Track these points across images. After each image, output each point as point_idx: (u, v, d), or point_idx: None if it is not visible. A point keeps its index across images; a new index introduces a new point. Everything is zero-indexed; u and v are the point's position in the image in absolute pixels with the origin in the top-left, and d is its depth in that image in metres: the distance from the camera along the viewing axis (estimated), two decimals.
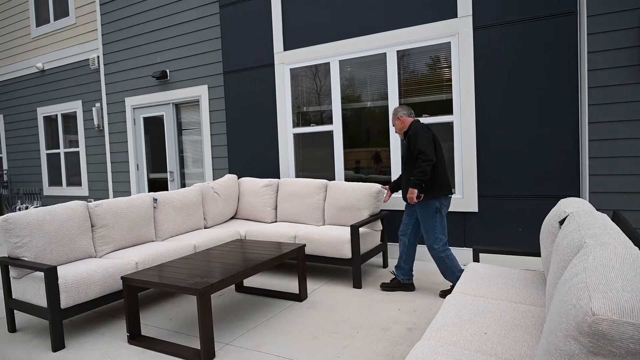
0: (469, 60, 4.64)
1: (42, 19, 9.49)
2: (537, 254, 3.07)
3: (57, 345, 3.14)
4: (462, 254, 4.84)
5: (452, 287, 3.90)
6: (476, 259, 3.29)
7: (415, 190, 3.70)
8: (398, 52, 5.07)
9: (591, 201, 4.09)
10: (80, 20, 8.74)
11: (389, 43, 5.08)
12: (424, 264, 4.95)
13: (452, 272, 3.85)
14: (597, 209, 3.89)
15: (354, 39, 5.30)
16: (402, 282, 4.06)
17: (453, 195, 4.82)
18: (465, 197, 4.75)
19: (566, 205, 2.48)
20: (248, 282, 4.61)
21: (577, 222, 2.08)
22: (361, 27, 5.27)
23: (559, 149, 4.32)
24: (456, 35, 4.71)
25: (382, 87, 5.21)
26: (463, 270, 3.78)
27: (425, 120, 4.94)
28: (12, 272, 3.44)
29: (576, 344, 1.17)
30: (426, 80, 4.96)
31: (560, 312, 1.30)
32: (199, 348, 3.02)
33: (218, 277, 3.03)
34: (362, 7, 5.25)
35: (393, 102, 5.12)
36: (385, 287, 4.10)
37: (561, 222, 2.37)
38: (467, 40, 4.64)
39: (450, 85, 4.81)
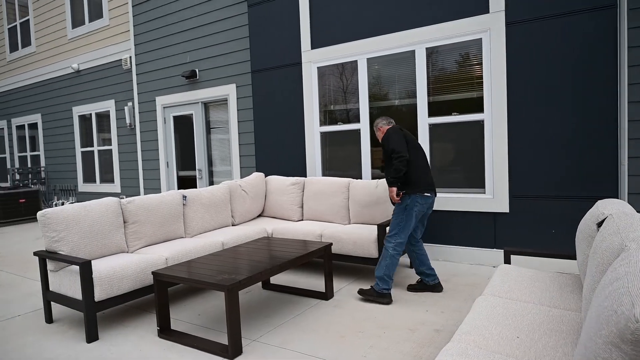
0: (501, 56, 4.53)
1: (77, 21, 9.81)
2: (572, 256, 2.97)
3: (91, 336, 3.24)
4: (491, 255, 4.73)
5: (373, 287, 3.80)
6: (507, 260, 3.21)
7: (394, 189, 3.72)
8: (427, 49, 5.00)
9: (630, 202, 3.93)
10: (114, 22, 8.99)
11: (418, 40, 5.01)
12: (453, 265, 4.87)
13: (383, 270, 3.72)
14: (638, 211, 3.73)
15: (382, 37, 5.25)
16: (429, 284, 4.01)
17: (483, 195, 4.72)
18: (495, 197, 4.64)
19: (604, 207, 2.38)
20: (274, 279, 4.64)
21: (617, 224, 2.00)
22: (389, 24, 5.22)
23: (597, 148, 4.16)
24: (488, 32, 4.60)
25: (410, 85, 5.14)
26: (391, 280, 3.75)
27: (454, 118, 4.86)
28: (50, 265, 3.57)
29: (618, 352, 1.12)
30: (456, 77, 4.87)
31: (599, 318, 1.25)
32: (227, 343, 3.06)
33: (245, 274, 3.06)
34: (390, 4, 5.20)
35: (422, 100, 5.05)
36: (412, 288, 4.05)
37: (599, 224, 2.28)
38: (499, 37, 4.53)
39: (481, 82, 4.71)
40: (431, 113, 5.03)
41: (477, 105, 4.75)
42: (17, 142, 12.07)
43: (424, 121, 5.06)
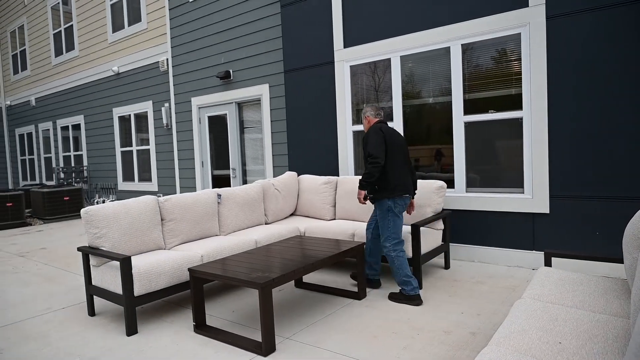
0: (541, 52, 4.37)
1: (117, 25, 10.16)
2: (619, 260, 2.83)
3: (131, 330, 3.35)
4: (530, 258, 4.58)
5: (401, 291, 3.75)
6: (548, 263, 3.10)
7: (363, 192, 3.73)
8: (463, 45, 4.89)
9: None
10: (151, 25, 9.26)
11: (453, 36, 4.91)
12: (489, 266, 4.75)
13: (399, 274, 3.71)
14: None
15: (416, 34, 5.18)
16: (367, 277, 4.06)
17: (521, 195, 4.58)
18: (535, 197, 4.49)
19: None
20: (307, 278, 4.65)
21: None
22: (424, 21, 5.14)
23: None
24: (527, 26, 4.45)
25: (444, 82, 5.05)
26: (412, 277, 3.71)
27: (491, 116, 4.73)
28: (92, 261, 3.71)
29: None
30: (492, 74, 4.74)
31: None
32: (260, 341, 3.09)
33: (279, 273, 3.08)
34: (425, 0, 5.11)
35: (457, 97, 4.94)
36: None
37: None
38: (539, 31, 4.37)
39: (520, 79, 4.56)
40: (467, 111, 4.92)
41: (515, 102, 4.61)
42: (61, 143, 12.63)
43: (459, 119, 4.95)
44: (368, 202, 3.65)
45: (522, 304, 2.36)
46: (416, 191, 3.80)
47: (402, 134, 4.91)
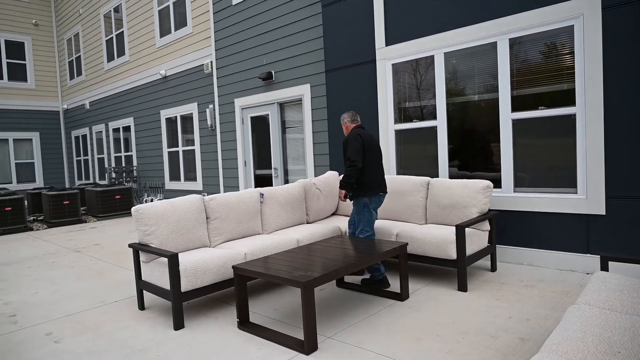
0: (596, 44, 4.14)
1: (164, 30, 10.54)
2: None
3: (178, 324, 3.46)
4: (583, 261, 4.35)
5: (371, 277, 4.15)
6: (604, 267, 2.93)
7: (343, 191, 4.23)
8: (510, 40, 4.71)
9: None
10: (196, 29, 9.53)
11: (500, 31, 4.74)
12: (539, 270, 4.55)
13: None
14: None
15: (460, 29, 5.04)
16: (375, 280, 4.14)
17: (574, 196, 4.36)
18: (589, 197, 4.26)
19: None
20: (348, 277, 4.63)
21: None
22: (468, 16, 4.99)
23: None
24: (581, 17, 4.23)
25: (490, 78, 4.88)
26: (380, 264, 4.06)
27: (541, 112, 4.53)
28: (142, 257, 3.86)
29: None
30: (542, 69, 4.54)
31: None
32: (302, 339, 3.11)
33: (321, 272, 3.08)
34: None
35: (504, 94, 4.77)
36: (365, 282, 4.25)
37: None
38: (594, 22, 4.14)
39: (572, 73, 4.34)
40: (514, 108, 4.73)
41: (567, 98, 4.39)
42: (113, 144, 13.26)
43: (506, 116, 4.77)
44: (348, 199, 4.35)
45: (577, 310, 2.24)
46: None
47: (377, 139, 5.66)
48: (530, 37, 4.59)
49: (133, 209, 3.83)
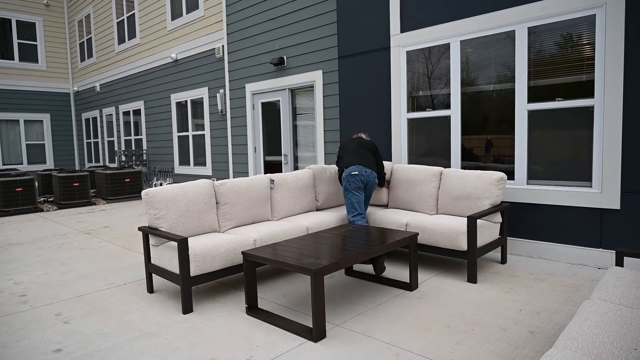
0: (618, 34, 4.03)
1: (176, 13, 10.46)
2: None
3: (187, 308, 3.47)
4: (596, 256, 4.29)
5: None
6: (619, 262, 2.88)
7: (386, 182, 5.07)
8: (529, 28, 4.60)
9: None
10: (208, 13, 9.44)
11: (519, 19, 4.63)
12: (549, 263, 4.50)
13: None
14: None
15: (477, 17, 4.92)
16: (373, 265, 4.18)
17: (589, 189, 4.29)
18: (604, 191, 4.18)
19: None
20: (357, 266, 4.62)
21: None
22: (486, 3, 4.87)
23: None
24: (603, 7, 4.11)
25: (506, 68, 4.78)
26: None
27: (558, 104, 4.44)
28: (151, 240, 3.87)
29: None
30: (560, 59, 4.43)
31: None
32: (311, 326, 3.11)
33: (330, 260, 3.07)
34: None
35: (521, 84, 4.67)
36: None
37: None
38: (617, 12, 4.02)
39: (592, 64, 4.23)
40: (531, 98, 4.64)
41: (585, 89, 4.29)
42: (123, 127, 13.29)
43: (522, 107, 4.68)
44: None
45: (591, 305, 2.20)
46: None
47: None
48: (550, 27, 4.47)
49: (143, 192, 3.83)
